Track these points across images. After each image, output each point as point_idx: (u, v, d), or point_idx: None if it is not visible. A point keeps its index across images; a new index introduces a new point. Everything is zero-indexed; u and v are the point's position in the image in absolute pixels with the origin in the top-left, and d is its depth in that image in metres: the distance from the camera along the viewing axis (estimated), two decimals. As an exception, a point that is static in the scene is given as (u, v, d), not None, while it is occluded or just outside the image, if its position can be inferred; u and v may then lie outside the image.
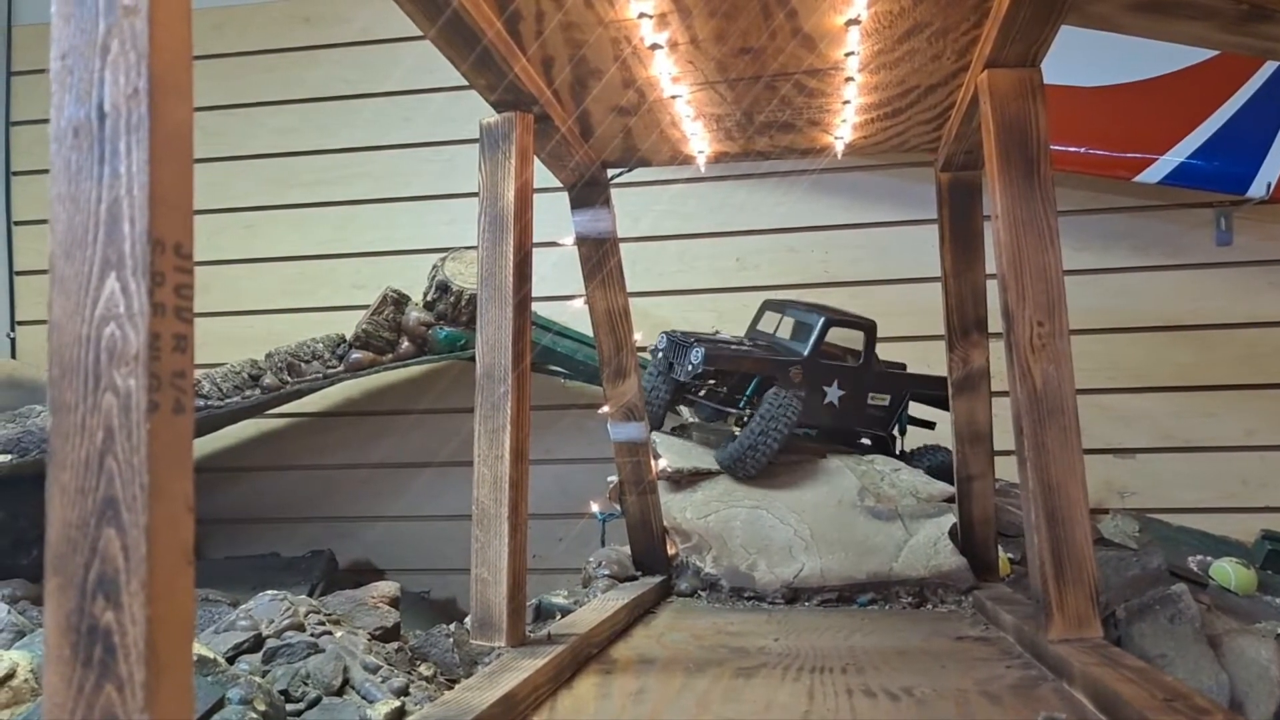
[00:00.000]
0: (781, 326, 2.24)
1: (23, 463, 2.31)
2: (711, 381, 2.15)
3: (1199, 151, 2.49)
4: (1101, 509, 2.65)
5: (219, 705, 1.28)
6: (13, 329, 3.32)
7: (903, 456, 2.25)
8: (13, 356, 3.27)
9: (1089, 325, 2.71)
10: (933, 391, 2.26)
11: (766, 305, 2.33)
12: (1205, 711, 0.87)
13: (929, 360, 2.30)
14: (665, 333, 2.22)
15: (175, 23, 0.56)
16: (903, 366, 2.32)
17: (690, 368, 2.04)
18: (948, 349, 1.80)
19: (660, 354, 2.19)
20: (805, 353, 2.09)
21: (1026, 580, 1.58)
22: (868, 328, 2.17)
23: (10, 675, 1.35)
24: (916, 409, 2.27)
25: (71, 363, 0.55)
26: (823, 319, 2.11)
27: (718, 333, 2.31)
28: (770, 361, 2.07)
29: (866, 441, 2.29)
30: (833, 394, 2.11)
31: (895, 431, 2.27)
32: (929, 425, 2.30)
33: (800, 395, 2.02)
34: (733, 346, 2.11)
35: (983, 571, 1.86)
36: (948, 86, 1.49)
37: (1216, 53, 2.44)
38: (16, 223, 3.34)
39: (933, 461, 2.19)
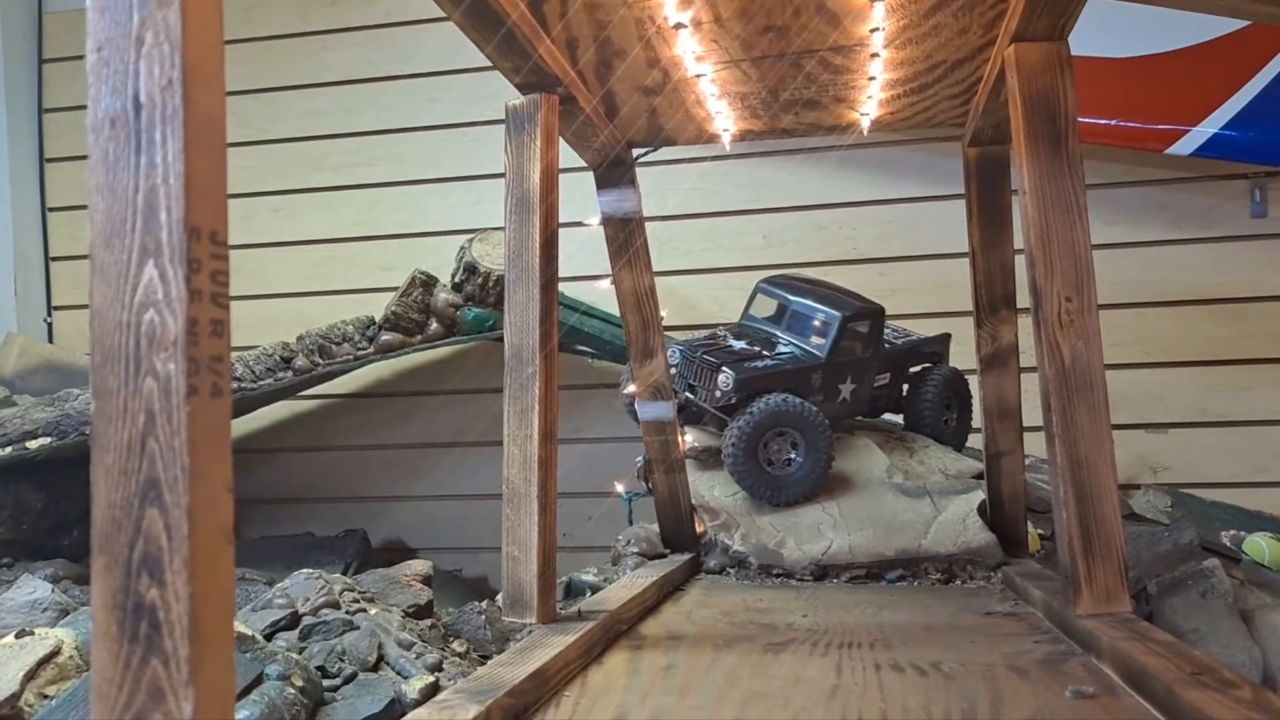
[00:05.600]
0: (777, 314, 2.12)
1: (62, 445, 2.36)
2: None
3: (1232, 122, 2.45)
4: (1134, 484, 2.64)
5: (258, 681, 1.31)
6: (49, 314, 3.37)
7: (906, 398, 2.23)
8: (50, 341, 3.32)
9: (1122, 299, 2.68)
10: (927, 353, 2.24)
11: (762, 288, 2.19)
12: (1233, 685, 0.88)
13: (958, 336, 2.29)
14: (679, 348, 2.06)
15: (207, 13, 0.57)
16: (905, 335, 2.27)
17: (719, 395, 1.94)
18: (976, 325, 1.79)
19: (674, 370, 2.04)
20: (824, 356, 2.01)
21: (1056, 556, 1.58)
22: (878, 314, 2.09)
23: (55, 652, 1.38)
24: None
25: (112, 348, 0.56)
26: (840, 317, 2.01)
27: (720, 334, 2.15)
28: (796, 372, 1.98)
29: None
30: (846, 390, 2.05)
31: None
32: None
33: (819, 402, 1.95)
34: (758, 365, 1.98)
35: (1012, 547, 1.86)
36: (974, 61, 1.48)
37: (1248, 22, 2.40)
38: (51, 209, 3.39)
39: (941, 377, 2.17)
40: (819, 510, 1.94)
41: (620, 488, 2.20)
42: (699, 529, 1.99)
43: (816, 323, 2.05)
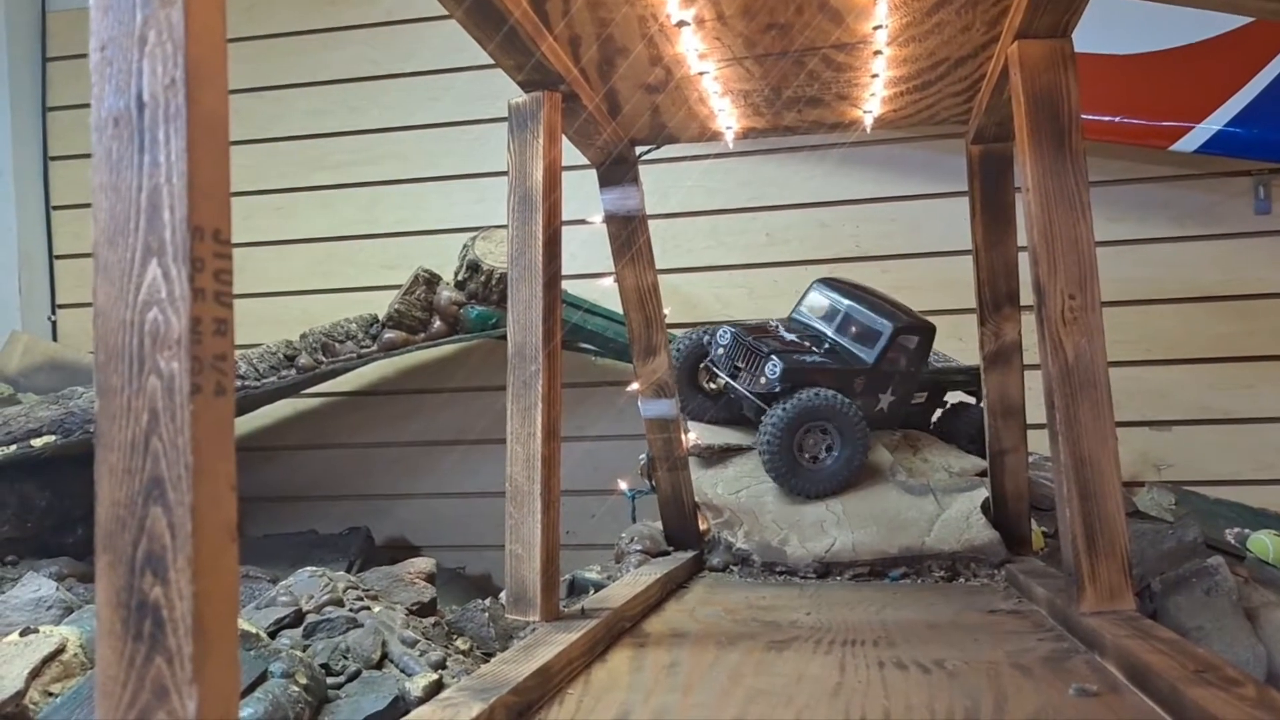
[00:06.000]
0: (829, 314, 2.12)
1: (67, 443, 2.36)
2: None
3: (1236, 119, 2.44)
4: (1138, 482, 2.63)
5: (262, 678, 1.31)
6: (53, 312, 3.38)
7: (936, 424, 2.24)
8: (54, 339, 3.33)
9: (1125, 297, 2.68)
10: (966, 384, 2.24)
11: (817, 286, 2.19)
12: (1236, 683, 0.88)
13: (961, 334, 2.29)
14: (730, 330, 2.06)
15: (209, 12, 0.57)
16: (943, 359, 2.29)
17: (764, 381, 1.95)
18: (979, 323, 1.79)
19: (721, 351, 2.06)
20: (871, 361, 2.01)
21: (1060, 554, 1.58)
22: (928, 331, 2.08)
23: (60, 650, 1.38)
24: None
25: (116, 347, 0.56)
26: (892, 328, 2.01)
27: (772, 325, 2.16)
28: (842, 373, 1.99)
29: None
30: (885, 400, 2.06)
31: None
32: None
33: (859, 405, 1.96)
34: (806, 359, 1.99)
35: (1015, 545, 1.86)
36: (978, 58, 1.47)
37: (1252, 19, 2.39)
38: (55, 207, 3.40)
39: (967, 420, 2.18)
40: (822, 508, 1.94)
41: (623, 485, 2.20)
42: (702, 526, 1.99)
43: (867, 329, 2.05)
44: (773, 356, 1.95)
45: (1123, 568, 1.18)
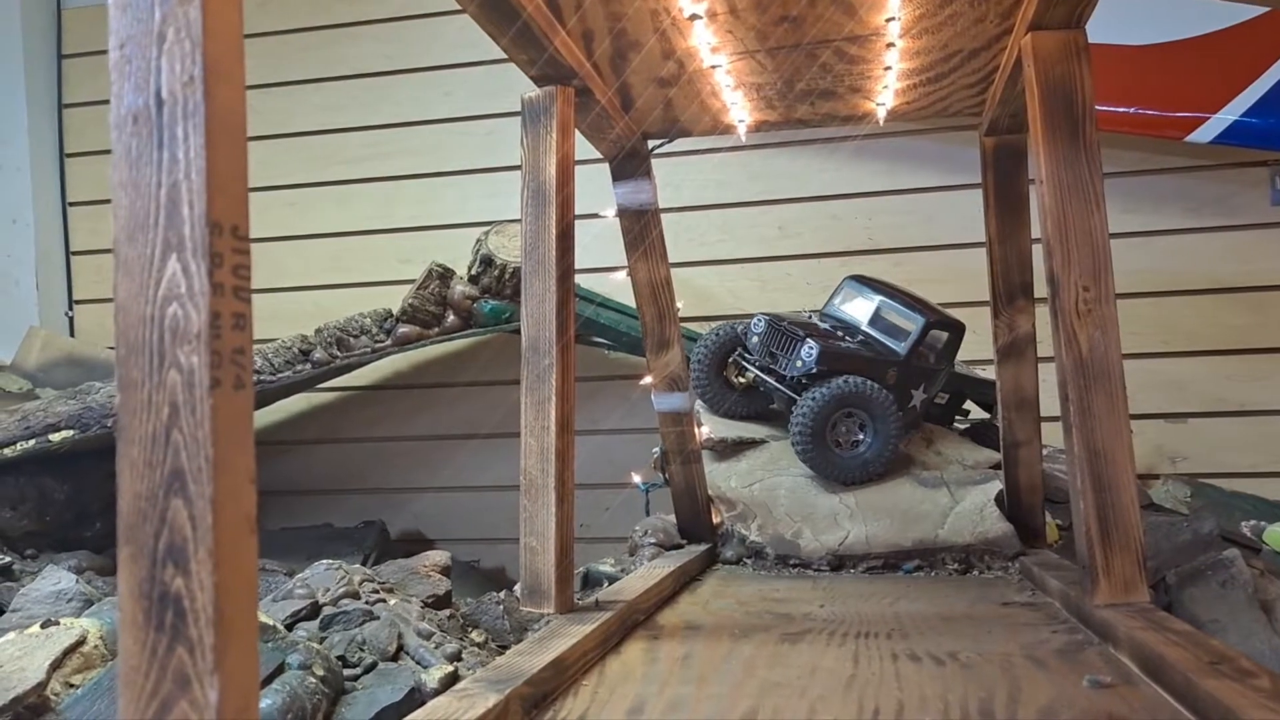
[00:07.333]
0: (862, 309, 2.13)
1: (84, 438, 2.38)
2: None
3: (1252, 109, 2.42)
4: (1153, 474, 2.62)
5: (279, 670, 1.32)
6: (71, 308, 3.40)
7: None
8: (71, 334, 3.35)
9: (1140, 288, 2.67)
10: (983, 396, 2.24)
11: (849, 282, 2.20)
12: (1251, 674, 0.87)
13: (975, 327, 2.28)
14: (766, 317, 2.08)
15: (227, 10, 0.57)
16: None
17: (800, 364, 1.96)
18: (993, 315, 1.79)
19: (756, 339, 2.08)
20: (903, 354, 2.02)
21: (1074, 546, 1.58)
22: (957, 329, 2.09)
23: (81, 642, 1.40)
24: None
25: (137, 342, 0.57)
26: (924, 322, 2.02)
27: (807, 315, 2.17)
28: (875, 362, 2.00)
29: None
30: (918, 397, 2.05)
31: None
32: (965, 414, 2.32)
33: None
34: (841, 344, 2.01)
35: (1030, 538, 1.85)
36: (991, 50, 1.47)
37: (1267, 9, 2.38)
38: (71, 204, 3.42)
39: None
40: (836, 500, 1.94)
41: (637, 479, 2.20)
42: (715, 520, 1.99)
43: (899, 323, 2.07)
44: (808, 340, 1.97)
45: (1137, 560, 1.18)
